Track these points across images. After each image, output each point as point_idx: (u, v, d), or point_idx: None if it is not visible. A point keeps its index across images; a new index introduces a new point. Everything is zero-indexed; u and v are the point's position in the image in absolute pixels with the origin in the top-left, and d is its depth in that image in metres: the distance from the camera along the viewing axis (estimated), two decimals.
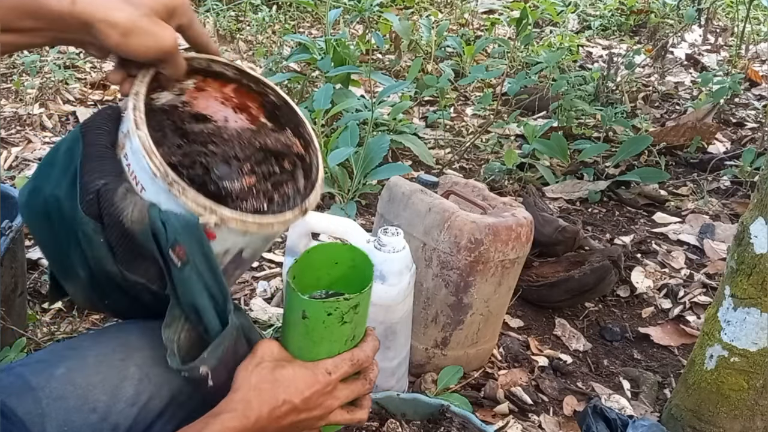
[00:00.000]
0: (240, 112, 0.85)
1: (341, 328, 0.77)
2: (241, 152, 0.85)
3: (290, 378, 0.75)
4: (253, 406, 0.73)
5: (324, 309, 0.74)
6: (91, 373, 0.74)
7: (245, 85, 0.83)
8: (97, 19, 0.65)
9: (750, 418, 1.29)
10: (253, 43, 3.85)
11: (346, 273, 0.83)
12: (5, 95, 2.91)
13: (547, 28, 4.50)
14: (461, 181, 1.59)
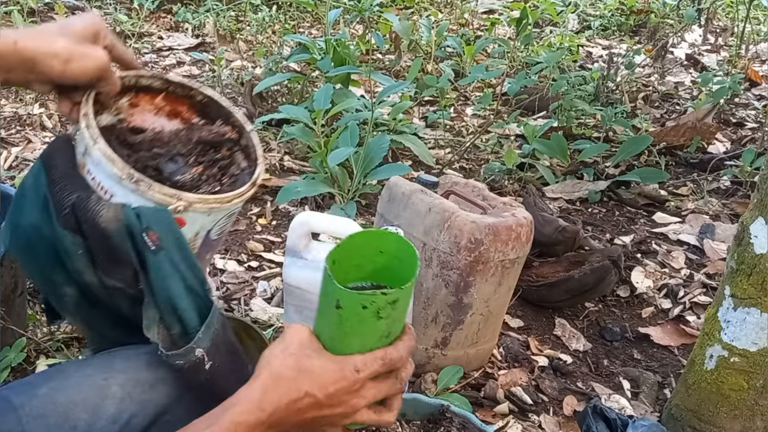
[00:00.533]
0: (173, 118, 0.96)
1: (376, 324, 0.72)
2: (183, 149, 0.94)
3: (316, 370, 0.71)
4: (271, 396, 0.70)
5: (359, 301, 0.70)
6: (72, 393, 0.74)
7: (172, 92, 0.94)
8: (40, 52, 0.73)
9: (750, 418, 1.29)
10: (253, 43, 3.85)
11: (391, 264, 0.77)
12: (5, 95, 2.91)
13: (547, 28, 4.50)
14: (461, 181, 1.59)
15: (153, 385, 0.78)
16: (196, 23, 4.08)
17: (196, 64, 3.63)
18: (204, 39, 4.00)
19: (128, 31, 3.75)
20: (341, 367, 0.72)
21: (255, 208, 2.25)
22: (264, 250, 2.01)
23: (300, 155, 2.60)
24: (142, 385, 0.77)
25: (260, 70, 3.32)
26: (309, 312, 1.38)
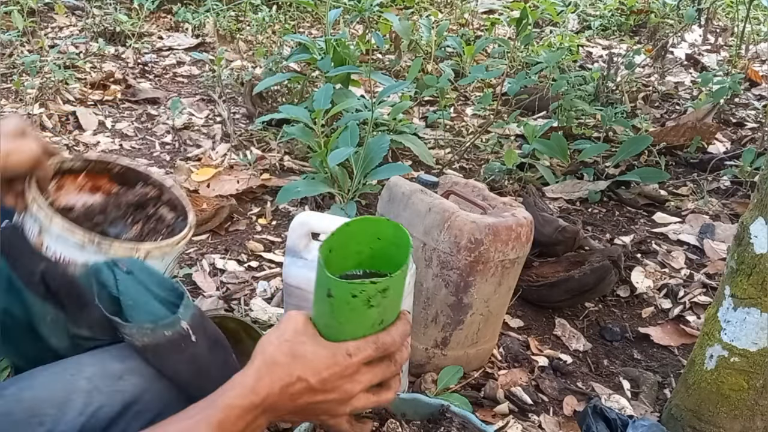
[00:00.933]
0: (95, 192, 1.11)
1: (367, 312, 0.73)
2: (118, 213, 1.10)
3: (309, 356, 0.73)
4: (264, 381, 0.71)
5: (349, 291, 0.71)
6: (39, 390, 0.76)
7: (92, 169, 1.10)
8: None
9: (750, 418, 1.29)
10: (253, 43, 3.85)
11: (389, 251, 0.77)
12: (5, 95, 2.91)
13: (547, 28, 4.50)
14: (461, 181, 1.59)
15: (121, 376, 0.79)
16: (196, 23, 4.08)
17: (196, 64, 3.63)
18: (204, 39, 4.00)
19: (128, 31, 3.75)
20: (333, 353, 0.73)
21: (255, 208, 2.25)
22: (264, 250, 2.01)
23: (300, 155, 2.60)
24: (110, 377, 0.78)
25: (260, 70, 3.32)
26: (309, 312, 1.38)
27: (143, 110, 3.00)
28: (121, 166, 1.11)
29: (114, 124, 2.84)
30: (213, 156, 2.56)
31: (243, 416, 0.70)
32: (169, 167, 2.49)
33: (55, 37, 3.75)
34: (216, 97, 3.09)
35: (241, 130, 2.80)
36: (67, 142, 2.61)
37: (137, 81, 3.30)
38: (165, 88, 3.29)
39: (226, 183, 2.31)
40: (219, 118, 2.94)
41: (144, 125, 2.86)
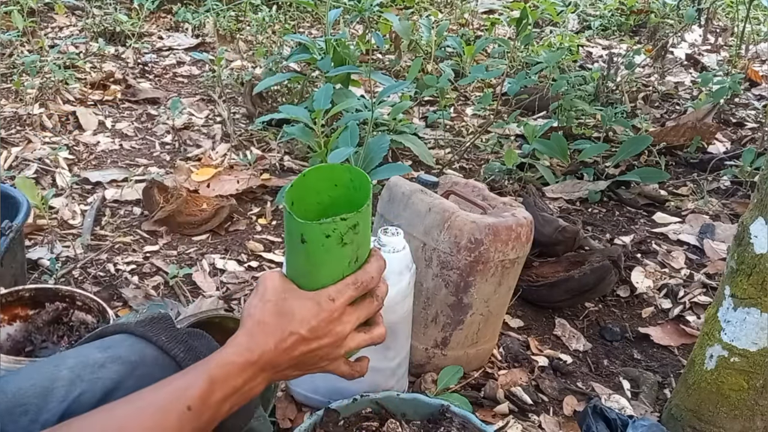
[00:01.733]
0: (13, 321, 1.22)
1: (342, 251, 0.75)
2: (41, 335, 1.20)
3: (294, 309, 0.75)
4: (258, 340, 0.74)
5: (322, 231, 0.72)
6: (22, 382, 0.77)
7: (7, 301, 1.21)
8: None
9: (750, 418, 1.29)
10: (253, 43, 3.85)
11: (348, 195, 0.79)
12: (5, 95, 2.91)
13: (547, 28, 4.50)
14: (461, 181, 1.59)
15: (103, 364, 0.80)
16: (196, 23, 4.08)
17: (196, 64, 3.63)
18: (204, 39, 4.00)
19: (128, 31, 3.75)
20: (317, 301, 0.76)
21: (255, 208, 2.25)
22: (264, 250, 2.01)
23: (300, 155, 2.60)
24: (92, 366, 0.79)
25: (260, 70, 3.32)
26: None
27: (143, 110, 3.00)
28: (30, 290, 1.24)
29: (114, 124, 2.84)
30: (213, 156, 2.56)
31: (239, 373, 0.73)
32: (169, 167, 2.49)
33: (55, 37, 3.75)
34: (216, 97, 3.09)
35: (241, 130, 2.80)
36: (67, 142, 2.61)
37: (137, 81, 3.29)
38: (165, 88, 3.29)
39: (226, 183, 2.31)
40: (219, 118, 2.94)
41: (144, 125, 2.86)
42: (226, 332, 1.45)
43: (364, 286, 0.78)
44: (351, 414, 1.26)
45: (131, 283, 1.82)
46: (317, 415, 1.23)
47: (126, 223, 2.12)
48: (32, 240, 1.96)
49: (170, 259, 1.94)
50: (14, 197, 1.57)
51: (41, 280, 1.77)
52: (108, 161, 2.52)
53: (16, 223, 1.45)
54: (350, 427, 1.24)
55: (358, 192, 0.78)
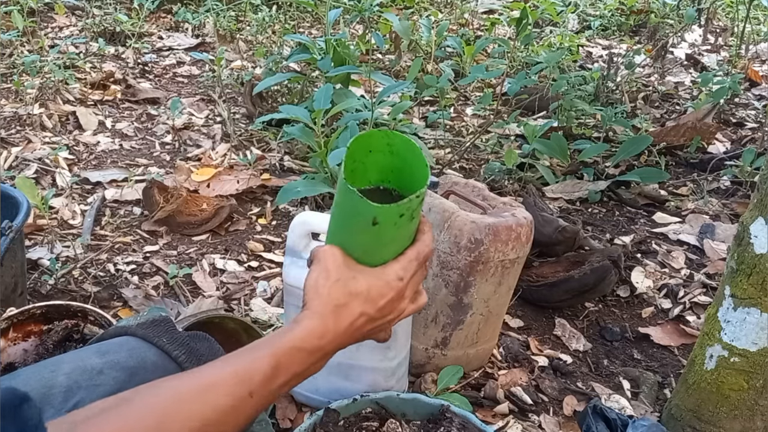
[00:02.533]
0: (28, 338, 1.25)
1: (409, 225, 0.74)
2: (57, 353, 1.22)
3: (365, 290, 0.74)
4: (329, 324, 0.72)
5: (397, 212, 0.71)
6: (19, 386, 0.75)
7: (17, 320, 1.23)
8: None
9: (750, 418, 1.29)
10: (253, 43, 3.85)
11: (383, 159, 0.77)
12: (5, 95, 2.91)
13: (547, 28, 4.50)
14: (461, 181, 1.59)
15: (101, 370, 0.79)
16: (196, 23, 4.08)
17: (196, 64, 3.63)
18: (204, 39, 4.00)
19: (128, 31, 3.75)
20: (386, 281, 0.75)
21: (255, 208, 2.25)
22: (264, 250, 2.01)
23: (300, 155, 2.60)
24: (90, 372, 0.78)
25: (260, 70, 3.32)
26: None
27: (143, 110, 3.00)
28: (40, 307, 1.27)
29: (114, 124, 2.84)
30: (213, 156, 2.56)
31: (306, 359, 0.71)
32: (169, 167, 2.49)
33: (55, 37, 3.75)
34: (216, 97, 3.09)
35: (241, 130, 2.80)
36: (67, 142, 2.61)
37: (137, 81, 3.29)
38: (165, 88, 3.29)
39: (226, 183, 2.31)
40: (219, 118, 2.94)
41: (144, 125, 2.86)
42: (226, 332, 1.45)
43: (425, 258, 0.77)
44: (351, 414, 1.26)
45: (131, 283, 1.82)
46: (317, 415, 1.23)
47: (126, 223, 2.12)
48: (32, 240, 1.96)
49: (170, 259, 1.94)
50: (14, 197, 1.57)
51: (41, 280, 1.77)
52: (108, 161, 2.52)
53: (16, 223, 1.45)
54: (350, 427, 1.24)
55: (394, 156, 0.76)
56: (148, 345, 0.85)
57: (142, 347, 0.84)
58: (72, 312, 1.31)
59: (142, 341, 0.85)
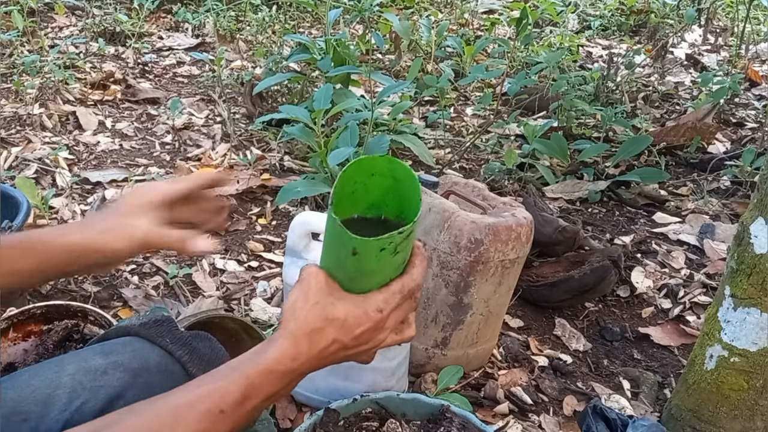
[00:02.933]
0: (28, 338, 1.25)
1: (394, 258, 0.73)
2: (58, 350, 1.25)
3: (341, 317, 0.72)
4: (301, 347, 0.71)
5: (378, 246, 0.69)
6: (22, 388, 0.76)
7: (17, 321, 1.23)
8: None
9: (750, 418, 1.29)
10: (253, 43, 3.85)
11: (385, 183, 0.76)
12: (5, 95, 2.91)
13: (547, 28, 4.50)
14: (461, 181, 1.59)
15: (105, 371, 0.79)
16: (196, 23, 4.08)
17: (196, 64, 3.63)
18: (204, 39, 4.00)
19: (128, 31, 3.75)
20: (365, 311, 0.73)
21: (255, 208, 2.25)
22: (264, 250, 2.01)
23: (300, 155, 2.60)
24: (93, 372, 0.78)
25: (260, 70, 3.32)
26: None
27: (143, 110, 3.00)
28: (40, 307, 1.28)
29: (114, 124, 2.84)
30: (213, 156, 2.56)
31: (279, 380, 0.71)
32: (169, 167, 2.49)
33: (55, 37, 3.75)
34: (216, 97, 3.08)
35: (241, 130, 2.80)
36: (67, 142, 2.61)
37: (137, 81, 3.29)
38: (165, 88, 3.29)
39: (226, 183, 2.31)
40: (219, 118, 2.94)
41: (144, 125, 2.86)
42: (226, 332, 1.45)
43: (410, 293, 0.76)
44: (351, 414, 1.26)
45: (131, 283, 1.82)
46: (317, 415, 1.23)
47: None
48: None
49: (170, 259, 1.94)
50: (14, 197, 1.57)
51: None
52: (108, 161, 2.52)
53: (16, 223, 1.45)
54: (350, 427, 1.24)
55: (398, 183, 0.75)
56: (151, 345, 0.85)
57: (145, 348, 0.84)
58: (72, 312, 1.31)
59: (145, 341, 0.85)
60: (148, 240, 0.83)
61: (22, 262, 0.79)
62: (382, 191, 0.77)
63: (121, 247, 0.82)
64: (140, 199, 0.85)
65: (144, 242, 0.83)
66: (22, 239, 0.84)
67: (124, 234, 0.82)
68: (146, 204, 0.85)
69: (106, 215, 0.84)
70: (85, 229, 0.83)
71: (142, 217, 0.84)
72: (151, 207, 0.85)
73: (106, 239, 0.81)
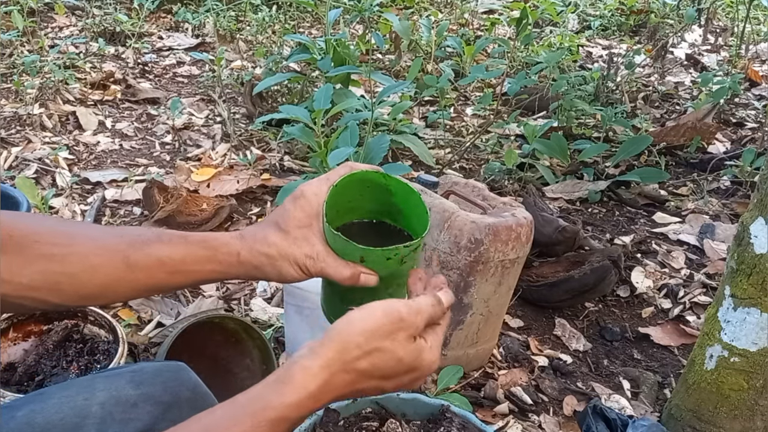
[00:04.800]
0: (28, 338, 1.26)
1: (401, 268, 0.72)
2: (50, 362, 1.23)
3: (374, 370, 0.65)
4: (317, 404, 0.68)
5: (384, 255, 0.70)
6: (51, 413, 0.73)
7: (17, 320, 1.24)
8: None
9: (750, 418, 1.29)
10: (253, 43, 3.85)
11: (378, 194, 0.75)
12: (5, 95, 2.91)
13: (547, 28, 4.50)
14: (461, 181, 1.59)
15: (135, 403, 0.77)
16: (196, 23, 4.08)
17: (196, 64, 3.63)
18: (204, 39, 4.00)
19: (128, 31, 3.75)
20: (398, 372, 0.66)
21: (255, 208, 2.25)
22: None
23: (300, 155, 2.60)
24: (124, 404, 0.76)
25: (260, 70, 3.32)
26: (309, 312, 1.38)
27: (143, 110, 3.00)
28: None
29: (114, 124, 2.83)
30: (213, 156, 2.56)
31: (296, 420, 0.67)
32: (169, 167, 2.49)
33: (55, 37, 3.75)
34: (216, 97, 3.08)
35: (241, 130, 2.80)
36: (67, 142, 2.61)
37: (137, 81, 3.29)
38: (165, 88, 3.29)
39: (226, 183, 2.31)
40: (219, 118, 2.94)
41: (144, 125, 2.86)
42: (226, 332, 1.45)
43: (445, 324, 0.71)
44: (351, 414, 1.26)
45: None
46: (317, 415, 1.23)
47: (126, 223, 2.11)
48: None
49: None
50: (14, 197, 1.57)
51: None
52: (108, 161, 2.52)
53: None
54: (350, 427, 1.24)
55: (394, 197, 0.75)
56: (182, 378, 0.82)
57: (176, 379, 0.82)
58: (72, 312, 1.31)
59: (176, 371, 0.83)
60: (320, 273, 0.73)
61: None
62: (380, 202, 0.76)
63: (293, 277, 0.74)
64: (309, 209, 0.73)
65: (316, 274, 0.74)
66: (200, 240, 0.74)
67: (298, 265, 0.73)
68: (313, 215, 0.73)
69: (276, 236, 0.73)
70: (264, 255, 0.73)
71: (313, 238, 0.73)
72: (314, 219, 0.73)
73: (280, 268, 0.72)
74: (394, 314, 0.65)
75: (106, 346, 1.30)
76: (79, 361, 1.28)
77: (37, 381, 1.21)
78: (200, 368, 1.00)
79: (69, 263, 0.69)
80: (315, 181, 0.75)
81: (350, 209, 0.77)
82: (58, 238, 0.70)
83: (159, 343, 1.51)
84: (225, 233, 0.74)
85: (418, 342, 0.66)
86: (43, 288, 0.69)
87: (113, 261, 0.70)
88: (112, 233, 0.74)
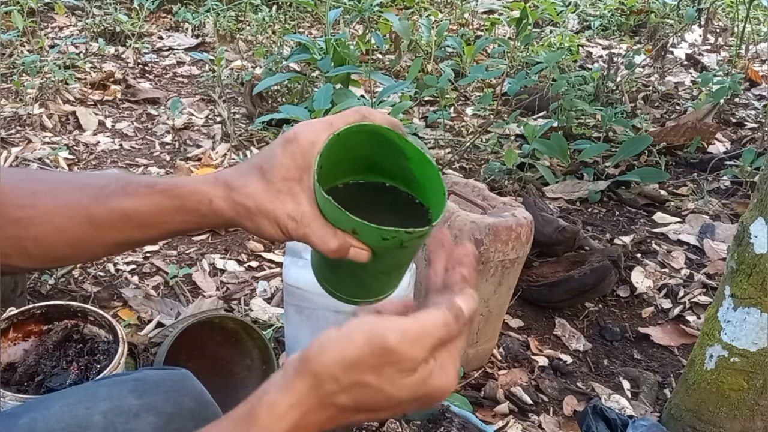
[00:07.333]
0: (28, 338, 1.26)
1: (401, 251, 0.61)
2: (50, 362, 1.23)
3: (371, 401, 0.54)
4: (311, 416, 0.55)
5: (379, 234, 0.57)
6: (53, 422, 0.72)
7: (17, 321, 1.24)
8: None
9: (750, 418, 1.29)
10: (253, 43, 3.85)
11: (399, 161, 0.62)
12: (5, 95, 2.91)
13: (547, 28, 4.50)
14: (461, 181, 1.59)
15: (137, 413, 0.76)
16: (196, 23, 4.08)
17: (196, 64, 3.63)
18: (204, 39, 4.00)
19: (128, 31, 3.75)
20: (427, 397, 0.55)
21: None
22: (264, 250, 2.01)
23: None
24: (126, 413, 0.75)
25: (260, 70, 3.32)
26: (309, 312, 1.38)
27: (143, 110, 3.00)
28: (38, 307, 1.29)
29: (114, 124, 2.84)
30: (213, 156, 2.56)
31: None
32: (169, 167, 2.49)
33: (55, 37, 3.75)
34: (216, 97, 3.08)
35: (241, 130, 2.80)
36: (67, 142, 2.61)
37: (137, 81, 3.29)
38: (165, 88, 3.29)
39: None
40: (219, 118, 2.94)
41: (144, 125, 2.86)
42: (226, 332, 1.45)
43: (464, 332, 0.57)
44: None
45: (131, 283, 1.82)
46: None
47: None
48: None
49: (170, 259, 1.94)
50: None
51: (41, 280, 1.77)
52: (108, 161, 2.52)
53: None
54: (349, 426, 1.24)
55: (409, 161, 0.62)
56: (185, 387, 0.81)
57: (180, 389, 0.80)
58: (72, 312, 1.31)
59: (180, 380, 0.81)
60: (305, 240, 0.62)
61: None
62: (393, 163, 0.63)
63: (272, 236, 0.62)
64: (300, 159, 0.60)
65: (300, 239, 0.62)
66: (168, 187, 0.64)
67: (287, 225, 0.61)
68: (304, 167, 0.60)
69: (278, 180, 0.60)
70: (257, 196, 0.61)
71: (300, 195, 0.60)
72: (304, 172, 0.60)
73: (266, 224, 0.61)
74: (379, 343, 0.51)
75: (106, 346, 1.30)
76: (79, 361, 1.27)
77: (37, 381, 1.20)
78: (200, 368, 1.00)
79: (33, 226, 0.64)
80: (315, 122, 0.61)
81: (355, 166, 0.64)
82: (22, 198, 0.65)
83: (159, 343, 1.51)
84: (200, 176, 0.65)
85: (419, 372, 0.52)
86: (14, 254, 0.65)
87: (77, 220, 0.64)
88: (75, 186, 0.67)
